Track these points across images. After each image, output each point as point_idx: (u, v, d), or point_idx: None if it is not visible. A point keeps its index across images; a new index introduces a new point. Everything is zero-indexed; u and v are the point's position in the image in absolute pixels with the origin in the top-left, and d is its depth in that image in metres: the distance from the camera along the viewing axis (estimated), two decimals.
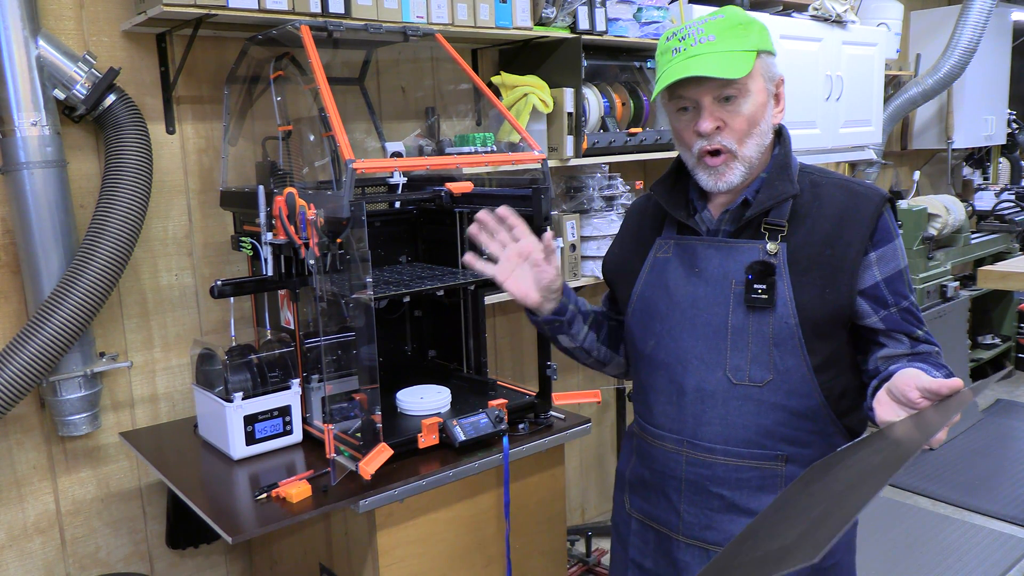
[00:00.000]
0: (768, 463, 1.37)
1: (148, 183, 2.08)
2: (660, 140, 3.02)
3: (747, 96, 1.33)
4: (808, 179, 1.41)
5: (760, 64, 1.34)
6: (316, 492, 1.75)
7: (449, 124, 2.84)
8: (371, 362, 1.74)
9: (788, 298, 1.33)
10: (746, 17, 1.36)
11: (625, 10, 2.88)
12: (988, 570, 3.13)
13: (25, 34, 1.93)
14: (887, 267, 1.36)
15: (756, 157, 1.37)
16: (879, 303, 1.36)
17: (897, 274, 1.36)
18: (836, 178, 1.42)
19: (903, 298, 1.36)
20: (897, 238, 1.38)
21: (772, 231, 1.37)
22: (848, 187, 1.39)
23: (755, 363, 1.35)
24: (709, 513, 1.41)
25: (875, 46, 3.99)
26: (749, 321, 1.35)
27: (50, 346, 1.93)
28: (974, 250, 4.89)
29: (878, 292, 1.36)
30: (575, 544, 3.21)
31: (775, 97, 1.39)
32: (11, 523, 2.15)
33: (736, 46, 1.31)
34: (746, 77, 1.31)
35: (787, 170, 1.39)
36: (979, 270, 3.23)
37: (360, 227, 1.69)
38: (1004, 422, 4.66)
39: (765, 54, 1.35)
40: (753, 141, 1.35)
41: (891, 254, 1.37)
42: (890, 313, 1.36)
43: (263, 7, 2.01)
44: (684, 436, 1.42)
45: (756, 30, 1.35)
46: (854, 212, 1.35)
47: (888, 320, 1.36)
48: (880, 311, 1.36)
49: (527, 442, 2.01)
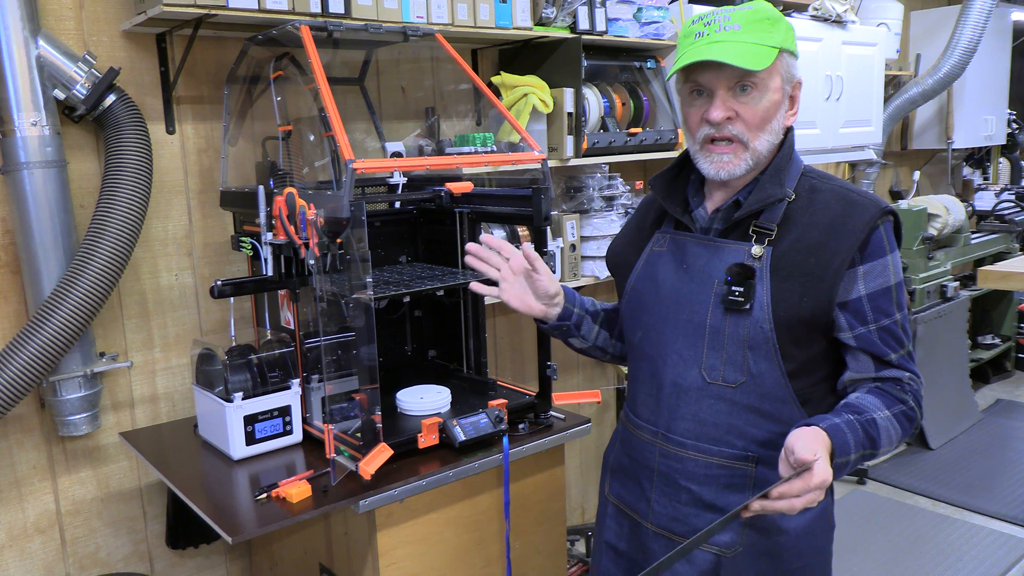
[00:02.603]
0: (738, 463, 1.38)
1: (148, 183, 2.08)
2: (660, 140, 3.02)
3: (764, 91, 1.32)
4: (808, 184, 1.39)
5: (781, 63, 1.33)
6: (316, 492, 1.75)
7: (449, 124, 2.84)
8: (371, 362, 1.74)
9: (765, 303, 1.33)
10: (775, 13, 1.35)
11: (625, 10, 2.88)
12: (988, 570, 3.13)
13: (25, 34, 1.93)
14: (874, 282, 1.33)
15: (764, 154, 1.36)
16: (858, 318, 1.33)
17: (884, 291, 1.33)
18: (836, 185, 1.39)
19: (885, 316, 1.33)
20: (891, 254, 1.34)
21: (760, 234, 1.36)
22: (846, 196, 1.36)
23: (729, 364, 1.36)
24: (677, 505, 1.44)
25: (875, 46, 3.99)
26: (726, 322, 1.36)
27: (50, 346, 1.93)
28: (974, 250, 4.89)
29: (859, 307, 1.33)
30: (575, 544, 3.21)
31: (791, 99, 1.38)
32: (11, 523, 2.15)
33: (760, 39, 1.30)
34: (765, 72, 1.31)
35: (780, 173, 1.37)
36: (979, 270, 3.23)
37: (360, 227, 1.69)
38: (1004, 422, 4.66)
39: (787, 54, 1.34)
40: (765, 137, 1.35)
41: (880, 269, 1.33)
42: (867, 331, 1.33)
43: (263, 7, 2.01)
44: (659, 428, 1.45)
45: (783, 28, 1.34)
46: (846, 222, 1.33)
47: (861, 339, 1.34)
48: (856, 328, 1.34)
49: (527, 442, 2.01)
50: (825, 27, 3.66)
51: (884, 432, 1.30)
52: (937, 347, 4.36)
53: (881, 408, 1.31)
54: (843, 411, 1.30)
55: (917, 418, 1.36)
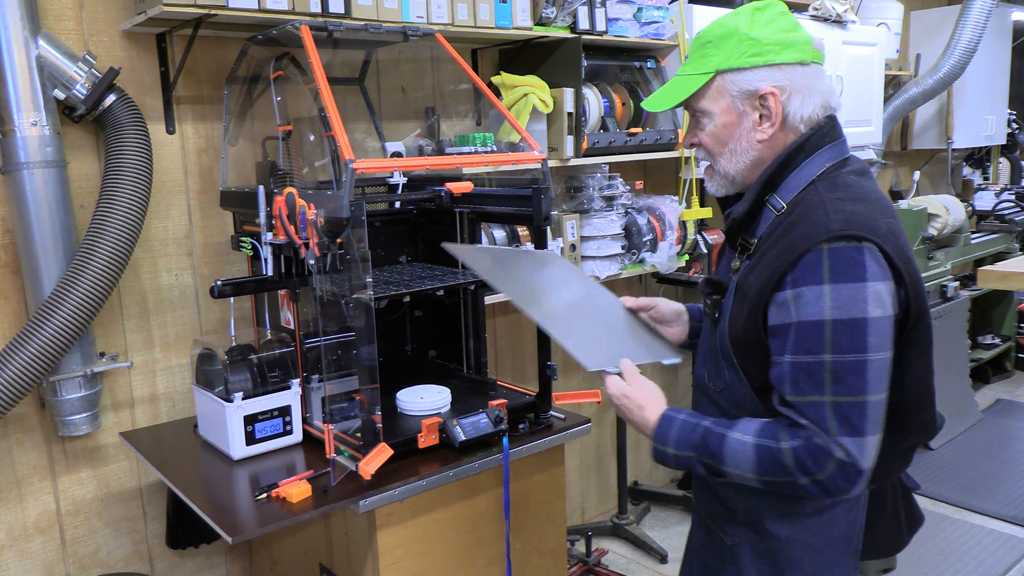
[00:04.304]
0: None
1: (148, 183, 2.08)
2: (660, 140, 3.02)
3: (708, 117, 1.35)
4: (804, 196, 1.28)
5: (722, 83, 1.31)
6: (316, 492, 1.75)
7: (449, 124, 2.84)
8: (371, 362, 1.74)
9: (727, 318, 1.36)
10: (718, 32, 1.32)
11: (625, 10, 2.88)
12: (988, 570, 3.13)
13: (25, 34, 1.93)
14: (802, 311, 1.20)
15: (735, 173, 1.37)
16: (777, 348, 1.24)
17: (809, 324, 1.18)
18: (815, 202, 1.26)
19: (806, 354, 1.19)
20: (829, 283, 1.18)
21: (742, 247, 1.37)
22: (809, 215, 1.25)
23: (714, 369, 1.43)
24: (698, 486, 1.55)
25: (875, 46, 3.99)
26: (711, 331, 1.43)
27: (50, 346, 1.93)
28: (974, 250, 4.89)
29: (778, 335, 1.23)
30: (575, 544, 3.21)
31: (762, 112, 1.31)
32: (11, 523, 2.15)
33: (691, 69, 1.35)
34: (702, 100, 1.34)
35: (756, 188, 1.32)
36: (979, 270, 3.22)
37: (360, 227, 1.69)
38: (1004, 422, 4.66)
39: (733, 72, 1.30)
40: (725, 160, 1.36)
41: (810, 299, 1.19)
42: (779, 362, 1.23)
43: (263, 7, 2.01)
44: None
45: (726, 47, 1.30)
46: (791, 242, 1.23)
47: (774, 371, 1.25)
48: (774, 356, 1.25)
49: (527, 442, 2.01)
50: (825, 27, 3.66)
51: (730, 452, 1.26)
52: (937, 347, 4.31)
53: (746, 432, 1.26)
54: (711, 419, 1.35)
55: (789, 468, 1.20)
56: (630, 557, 3.33)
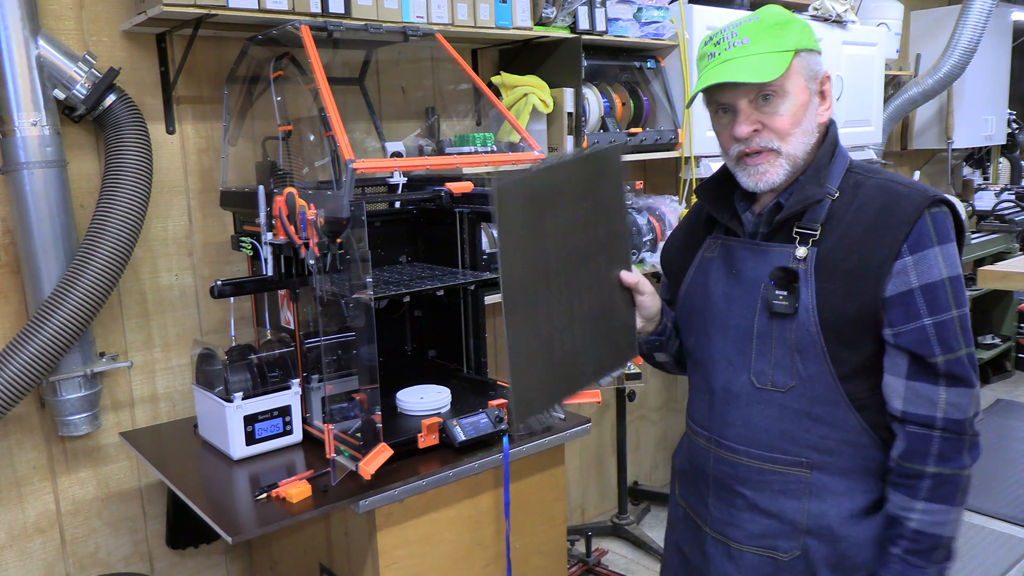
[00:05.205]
0: (791, 468, 1.36)
1: (148, 183, 2.08)
2: (660, 140, 3.02)
3: (785, 96, 1.31)
4: (853, 179, 1.35)
5: (799, 63, 1.32)
6: (316, 492, 1.75)
7: (449, 124, 2.84)
8: (371, 362, 1.74)
9: (811, 306, 1.30)
10: (783, 16, 1.33)
11: (625, 10, 2.88)
12: (988, 570, 3.13)
13: (25, 34, 1.93)
14: (923, 275, 1.26)
15: (802, 155, 1.34)
16: (906, 315, 1.27)
17: (932, 285, 1.26)
18: (881, 178, 1.35)
19: (941, 311, 1.26)
20: (940, 245, 1.27)
21: (803, 235, 1.34)
22: (889, 188, 1.31)
23: (778, 368, 1.34)
24: (732, 511, 1.42)
25: (875, 46, 3.98)
26: (773, 326, 1.34)
27: (50, 346, 1.93)
28: (974, 250, 4.89)
29: (908, 301, 1.27)
30: (575, 544, 3.21)
31: (820, 94, 1.36)
32: (11, 523, 2.15)
33: (770, 47, 1.29)
34: (782, 77, 1.29)
35: (820, 172, 1.35)
36: (979, 270, 3.22)
37: (360, 227, 1.69)
38: (1004, 422, 4.66)
39: (805, 52, 1.32)
40: (797, 139, 1.33)
41: (930, 261, 1.26)
42: (913, 328, 1.26)
43: (263, 7, 2.01)
44: (712, 434, 1.44)
45: (795, 28, 1.32)
46: (890, 215, 1.28)
47: (901, 337, 1.27)
48: (899, 325, 1.27)
49: (527, 442, 2.00)
50: (825, 27, 3.66)
51: (929, 527, 1.27)
52: None
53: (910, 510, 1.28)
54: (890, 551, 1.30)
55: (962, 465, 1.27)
56: (630, 557, 3.33)
